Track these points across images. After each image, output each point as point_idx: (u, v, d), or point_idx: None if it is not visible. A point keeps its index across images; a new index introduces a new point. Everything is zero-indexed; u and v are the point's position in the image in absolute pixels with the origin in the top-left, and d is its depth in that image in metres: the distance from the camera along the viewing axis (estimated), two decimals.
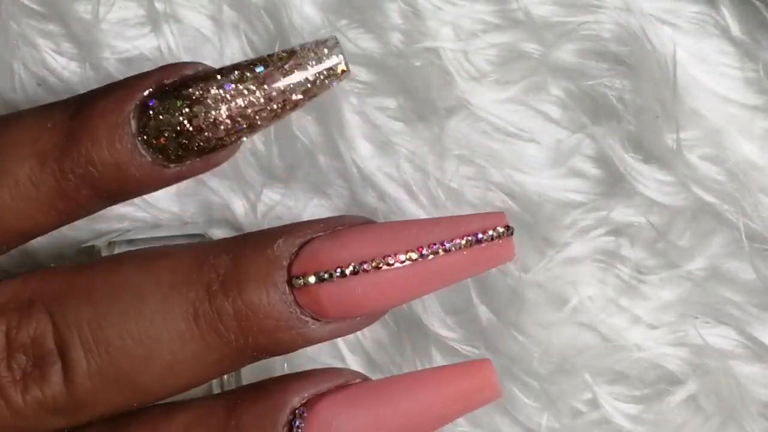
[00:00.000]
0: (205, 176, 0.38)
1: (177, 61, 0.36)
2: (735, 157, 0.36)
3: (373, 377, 0.38)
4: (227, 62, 0.36)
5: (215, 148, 0.26)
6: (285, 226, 0.27)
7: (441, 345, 0.37)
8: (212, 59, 0.37)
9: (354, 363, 0.38)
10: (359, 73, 0.36)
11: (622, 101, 0.36)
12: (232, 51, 0.37)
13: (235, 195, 0.38)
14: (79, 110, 0.26)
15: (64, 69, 0.37)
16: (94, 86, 0.36)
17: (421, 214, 0.36)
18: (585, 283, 0.37)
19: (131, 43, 0.37)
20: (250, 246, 0.26)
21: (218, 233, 0.37)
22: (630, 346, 0.37)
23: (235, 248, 0.26)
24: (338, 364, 0.38)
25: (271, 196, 0.38)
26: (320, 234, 0.26)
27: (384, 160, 0.37)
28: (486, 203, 0.37)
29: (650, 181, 0.36)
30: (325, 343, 0.29)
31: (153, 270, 0.26)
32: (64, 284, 0.26)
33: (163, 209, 0.38)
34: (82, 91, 0.37)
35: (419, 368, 0.38)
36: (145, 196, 0.37)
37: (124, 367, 0.25)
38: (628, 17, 0.35)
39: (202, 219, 0.38)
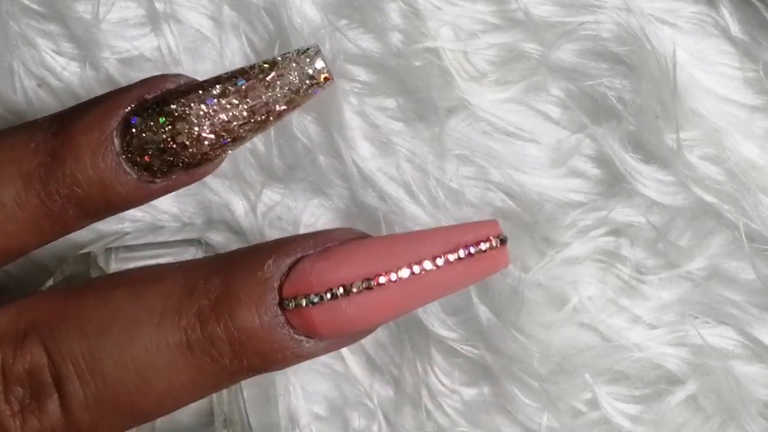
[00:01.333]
0: None
1: (176, 62, 0.36)
2: (735, 157, 0.35)
3: (373, 377, 0.39)
4: (227, 62, 0.36)
5: (200, 163, 0.26)
6: (275, 244, 0.26)
7: (441, 345, 0.37)
8: (212, 59, 0.37)
9: (354, 363, 0.38)
10: (359, 73, 0.36)
11: (622, 101, 0.36)
12: (232, 51, 0.37)
13: (235, 195, 0.38)
14: (62, 128, 0.26)
15: (64, 69, 0.37)
16: (94, 86, 0.37)
17: (421, 214, 0.36)
18: (585, 283, 0.37)
19: (131, 43, 0.37)
20: (240, 268, 0.26)
21: (216, 237, 0.37)
22: (630, 346, 0.37)
23: (225, 270, 0.26)
24: (338, 364, 0.38)
25: (271, 196, 0.38)
26: (310, 252, 0.26)
27: (384, 160, 0.37)
28: (486, 203, 0.37)
29: (650, 181, 0.36)
30: None
31: (144, 298, 0.26)
32: (57, 314, 0.26)
33: (162, 209, 0.38)
34: (82, 92, 0.37)
35: (419, 369, 0.38)
36: None
37: (121, 396, 0.25)
38: (628, 17, 0.35)
39: (201, 219, 0.38)
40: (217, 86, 0.26)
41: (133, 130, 0.26)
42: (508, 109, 0.36)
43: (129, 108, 0.26)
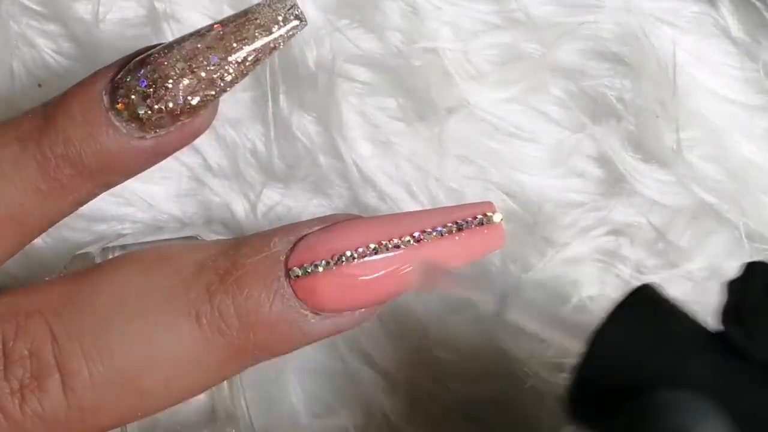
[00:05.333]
0: (204, 176, 0.38)
1: None
2: (735, 157, 0.35)
3: (373, 377, 0.39)
4: None
5: (184, 111, 0.27)
6: (281, 226, 0.27)
7: (441, 345, 0.37)
8: None
9: (353, 362, 0.38)
10: (359, 73, 0.36)
11: (622, 101, 0.36)
12: None
13: (235, 195, 0.38)
14: (55, 97, 0.28)
15: (64, 69, 0.37)
16: None
17: None
18: (585, 283, 0.37)
19: (131, 43, 0.37)
20: (247, 245, 0.27)
21: (216, 238, 0.37)
22: None
23: (233, 248, 0.27)
24: (337, 364, 0.38)
25: (271, 196, 0.38)
26: (315, 229, 0.27)
27: (384, 160, 0.37)
28: None
29: (650, 181, 0.36)
30: (324, 342, 0.29)
31: (153, 274, 0.26)
32: (62, 294, 0.26)
33: (163, 210, 0.38)
34: None
35: (419, 368, 0.38)
36: (145, 197, 0.37)
37: (129, 373, 0.25)
38: (628, 17, 0.35)
39: (201, 220, 0.38)
40: (195, 35, 0.27)
41: (118, 82, 0.27)
42: (508, 109, 0.36)
43: (116, 72, 0.27)
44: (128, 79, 0.27)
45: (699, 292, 0.37)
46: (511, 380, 0.37)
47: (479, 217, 0.27)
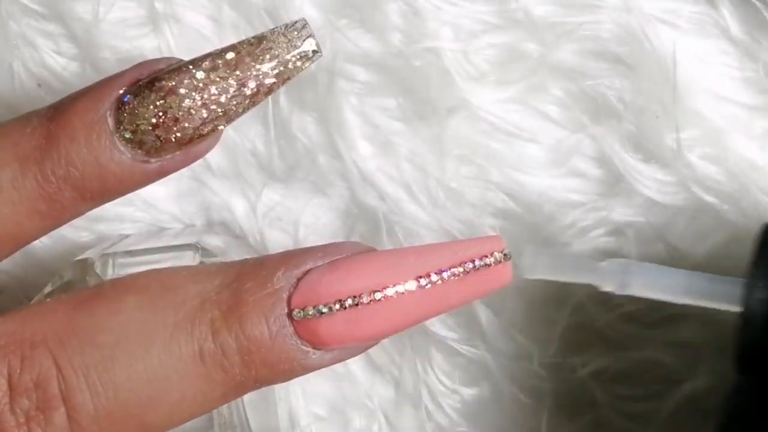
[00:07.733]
0: (204, 176, 0.38)
1: None
2: (735, 157, 0.35)
3: (373, 377, 0.39)
4: None
5: (193, 139, 0.27)
6: (284, 256, 0.27)
7: (441, 345, 0.37)
8: None
9: (353, 363, 0.38)
10: (359, 73, 0.36)
11: (622, 101, 0.36)
12: None
13: (235, 195, 0.38)
14: (57, 112, 0.27)
15: (64, 69, 0.37)
16: None
17: (421, 214, 0.36)
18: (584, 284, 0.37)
19: (131, 43, 0.37)
20: (250, 279, 0.26)
21: (216, 241, 0.37)
22: (630, 345, 0.37)
23: (236, 280, 0.26)
24: (338, 365, 0.38)
25: (271, 196, 0.38)
26: (319, 264, 0.26)
27: (384, 160, 0.37)
28: (486, 203, 0.37)
29: (650, 181, 0.36)
30: None
31: (158, 308, 0.26)
32: (66, 325, 0.26)
33: (162, 210, 0.38)
34: None
35: (419, 369, 0.38)
36: (145, 197, 0.37)
37: (133, 408, 0.25)
38: (628, 17, 0.35)
39: (201, 220, 0.38)
40: (207, 61, 0.26)
41: (126, 108, 0.26)
42: (508, 109, 0.36)
43: (122, 90, 0.27)
44: (136, 104, 0.26)
45: None
46: (510, 380, 0.37)
47: (487, 259, 0.26)
